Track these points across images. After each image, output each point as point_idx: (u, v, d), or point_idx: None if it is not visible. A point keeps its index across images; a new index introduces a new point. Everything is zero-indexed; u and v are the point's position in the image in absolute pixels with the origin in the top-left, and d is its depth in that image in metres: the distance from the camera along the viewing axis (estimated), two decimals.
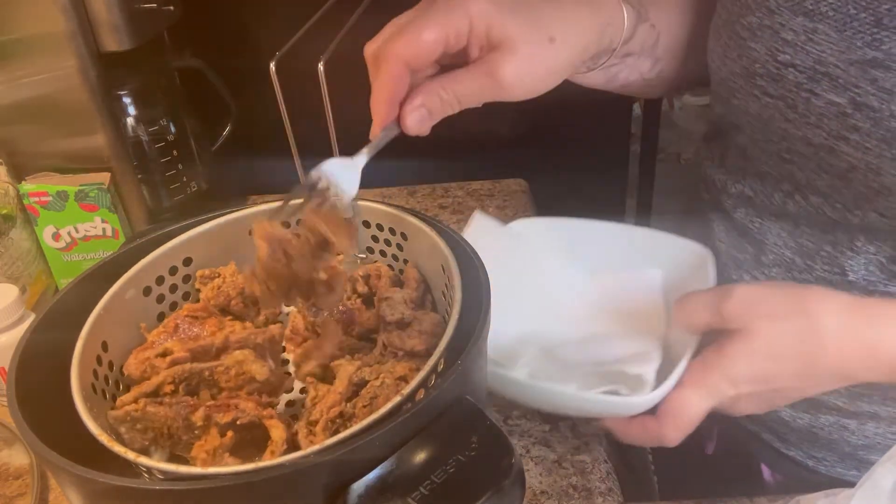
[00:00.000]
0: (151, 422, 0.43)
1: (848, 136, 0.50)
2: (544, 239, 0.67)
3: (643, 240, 0.66)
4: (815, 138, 0.52)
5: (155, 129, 0.84)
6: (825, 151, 0.52)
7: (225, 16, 1.11)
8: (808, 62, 0.50)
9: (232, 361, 0.46)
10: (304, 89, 0.53)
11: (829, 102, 0.50)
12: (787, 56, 0.52)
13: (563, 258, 0.66)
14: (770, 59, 0.53)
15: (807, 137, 0.53)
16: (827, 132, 0.51)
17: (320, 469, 0.36)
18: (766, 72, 0.53)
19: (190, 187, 0.89)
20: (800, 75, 0.51)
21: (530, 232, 0.67)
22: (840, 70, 0.49)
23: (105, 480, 0.35)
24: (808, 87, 0.51)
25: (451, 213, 0.96)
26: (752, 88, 0.55)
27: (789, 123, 0.53)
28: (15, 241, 0.77)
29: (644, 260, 0.65)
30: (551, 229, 0.67)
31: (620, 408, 0.52)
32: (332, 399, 0.44)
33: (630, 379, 0.54)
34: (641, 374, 0.54)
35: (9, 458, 0.62)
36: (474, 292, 0.46)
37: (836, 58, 0.49)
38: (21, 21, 0.72)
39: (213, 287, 0.53)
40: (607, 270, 0.66)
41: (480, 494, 0.35)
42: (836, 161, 0.52)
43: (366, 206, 0.55)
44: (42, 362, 0.44)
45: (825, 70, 0.50)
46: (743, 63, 0.55)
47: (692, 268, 0.62)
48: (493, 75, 0.46)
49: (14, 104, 0.76)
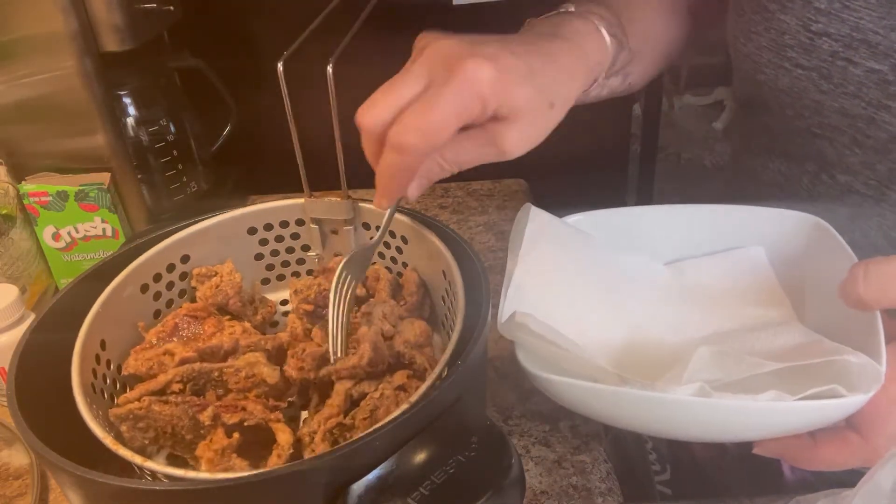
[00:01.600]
0: (155, 420, 0.43)
1: (890, 105, 0.49)
2: (609, 233, 0.57)
3: (719, 217, 0.56)
4: (852, 109, 0.51)
5: (155, 129, 0.84)
6: (863, 121, 0.51)
7: (225, 16, 1.11)
8: (845, 30, 0.50)
9: (243, 363, 0.46)
10: (305, 90, 0.53)
11: (868, 70, 0.49)
12: (821, 25, 0.51)
13: (640, 250, 0.56)
14: (802, 30, 0.52)
15: (843, 108, 0.52)
16: (867, 101, 0.50)
17: (320, 470, 0.36)
18: (798, 42, 0.52)
19: (190, 187, 0.89)
20: (835, 44, 0.50)
21: (590, 227, 0.57)
22: (880, 36, 0.48)
23: (105, 481, 0.35)
24: (845, 56, 0.50)
25: (451, 213, 0.96)
26: (781, 61, 0.54)
27: (824, 95, 0.52)
28: (15, 241, 0.77)
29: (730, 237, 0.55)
30: (611, 222, 0.57)
31: (841, 411, 0.41)
32: (328, 412, 0.44)
33: (848, 371, 0.41)
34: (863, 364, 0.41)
35: (9, 458, 0.62)
36: (474, 293, 0.46)
37: (874, 24, 0.48)
38: (21, 21, 0.72)
39: (210, 286, 0.53)
40: (700, 255, 0.56)
41: (480, 494, 0.35)
42: (874, 132, 0.51)
43: (366, 207, 0.55)
44: (42, 362, 0.44)
45: (863, 37, 0.49)
46: (771, 36, 0.54)
47: (803, 238, 0.52)
48: (497, 144, 0.45)
49: (14, 104, 0.76)
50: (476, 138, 0.45)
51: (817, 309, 0.50)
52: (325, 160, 0.53)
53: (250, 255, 0.58)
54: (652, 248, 0.56)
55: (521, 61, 0.44)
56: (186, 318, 0.51)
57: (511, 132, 0.44)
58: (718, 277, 0.54)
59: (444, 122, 0.41)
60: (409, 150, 0.42)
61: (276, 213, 0.57)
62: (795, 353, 0.45)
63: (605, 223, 0.56)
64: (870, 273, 0.42)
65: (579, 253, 0.53)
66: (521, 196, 0.99)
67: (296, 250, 0.59)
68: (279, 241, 0.58)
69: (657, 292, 0.54)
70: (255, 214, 0.57)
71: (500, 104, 0.43)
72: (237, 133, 0.98)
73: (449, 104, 0.41)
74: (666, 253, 0.56)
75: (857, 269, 0.43)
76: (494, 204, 0.97)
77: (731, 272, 0.54)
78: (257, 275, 0.59)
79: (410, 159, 0.42)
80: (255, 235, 0.57)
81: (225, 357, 0.48)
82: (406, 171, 0.43)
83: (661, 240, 0.56)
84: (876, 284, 0.42)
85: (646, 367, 0.49)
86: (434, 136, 0.41)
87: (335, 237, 0.58)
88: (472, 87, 0.42)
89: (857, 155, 0.54)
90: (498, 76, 0.42)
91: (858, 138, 0.53)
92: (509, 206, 0.97)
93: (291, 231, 0.58)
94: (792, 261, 0.53)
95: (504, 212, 0.96)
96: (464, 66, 0.42)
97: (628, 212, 0.56)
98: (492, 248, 0.87)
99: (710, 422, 0.42)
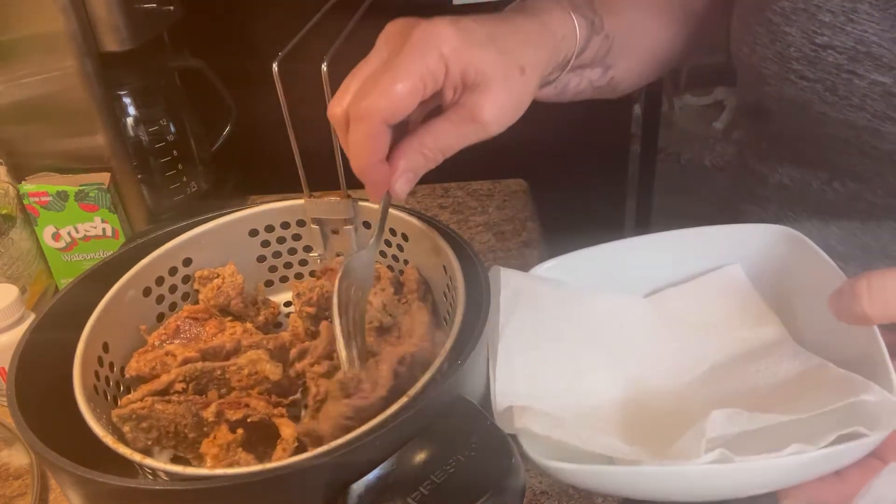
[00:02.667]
0: (158, 420, 0.43)
1: (895, 117, 0.49)
2: (584, 274, 0.54)
3: (690, 241, 0.54)
4: (857, 121, 0.51)
5: (155, 129, 0.84)
6: (869, 134, 0.51)
7: (225, 16, 1.11)
8: (849, 43, 0.50)
9: (246, 361, 0.46)
10: (304, 89, 0.53)
11: (872, 83, 0.49)
12: (826, 38, 0.51)
13: (618, 286, 0.54)
14: (806, 42, 0.52)
15: (848, 120, 0.52)
16: (871, 113, 0.50)
17: (320, 469, 0.36)
18: (802, 55, 0.52)
19: (190, 187, 0.89)
20: (839, 56, 0.50)
21: (563, 273, 0.54)
22: (884, 49, 0.48)
23: (105, 481, 0.35)
24: (849, 69, 0.50)
25: (451, 213, 0.96)
26: (786, 73, 0.54)
27: (828, 107, 0.52)
28: (15, 241, 0.77)
29: (705, 260, 0.53)
30: (583, 264, 0.54)
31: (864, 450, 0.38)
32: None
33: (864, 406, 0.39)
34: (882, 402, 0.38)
35: (9, 458, 0.62)
36: (474, 293, 0.46)
37: (878, 37, 0.48)
38: (21, 21, 0.72)
39: (212, 287, 0.53)
40: (678, 283, 0.54)
41: (480, 494, 0.35)
42: (880, 143, 0.51)
43: (366, 206, 0.55)
44: (42, 362, 0.44)
45: (867, 50, 0.49)
46: (776, 48, 0.54)
47: (780, 251, 0.51)
48: (477, 119, 0.43)
49: (14, 104, 0.76)
50: (452, 117, 0.44)
51: (810, 325, 0.48)
52: (325, 160, 0.53)
53: (253, 257, 0.58)
54: (629, 283, 0.54)
55: (480, 26, 0.44)
56: (188, 321, 0.51)
57: (486, 101, 0.43)
58: (701, 303, 0.53)
59: (404, 80, 0.41)
60: (370, 114, 0.40)
61: (276, 215, 0.57)
62: (803, 385, 0.44)
63: (577, 266, 0.54)
64: (873, 287, 0.40)
65: (558, 309, 0.51)
66: (521, 196, 0.99)
67: (298, 251, 0.59)
68: (281, 243, 0.58)
69: (643, 330, 0.53)
70: (256, 216, 0.57)
71: (465, 68, 0.42)
72: (237, 133, 0.99)
73: (408, 63, 0.41)
74: (643, 286, 0.55)
75: (859, 284, 0.40)
76: (494, 204, 0.97)
77: (711, 295, 0.53)
78: (260, 277, 0.59)
79: (375, 124, 0.41)
80: (257, 237, 0.57)
81: (227, 357, 0.48)
82: (372, 144, 0.42)
83: (636, 273, 0.54)
84: (880, 299, 0.40)
85: (654, 427, 0.47)
86: (395, 95, 0.40)
87: (336, 237, 0.58)
88: (431, 45, 0.41)
89: (865, 164, 0.54)
90: (456, 34, 0.42)
91: (865, 149, 0.53)
92: (509, 206, 0.97)
93: (293, 232, 0.58)
94: (773, 276, 0.51)
95: (504, 212, 0.96)
96: (421, 28, 0.41)
97: (599, 250, 0.54)
98: (492, 248, 0.87)
99: (735, 484, 0.40)
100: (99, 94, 0.75)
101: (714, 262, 0.53)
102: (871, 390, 0.39)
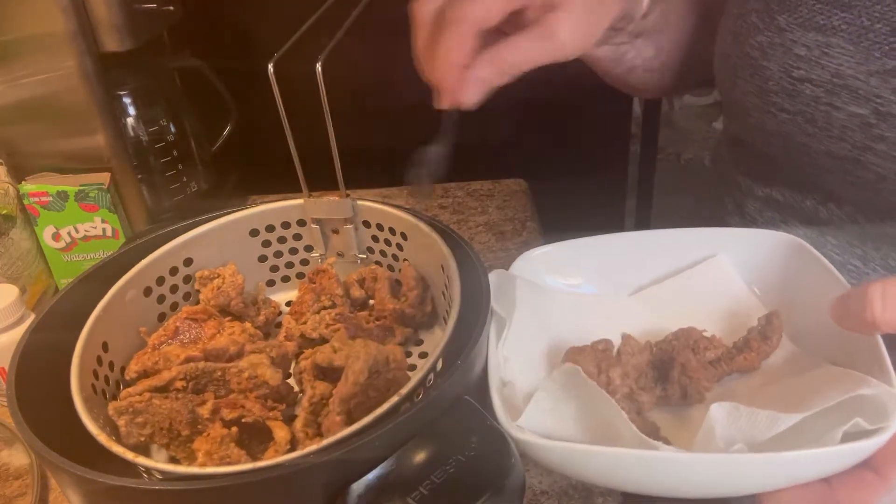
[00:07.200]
0: (153, 415, 0.43)
1: (874, 147, 0.49)
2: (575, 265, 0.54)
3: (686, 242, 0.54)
4: (839, 151, 0.51)
5: (155, 129, 0.84)
6: (850, 163, 0.51)
7: (225, 16, 1.11)
8: (825, 76, 0.50)
9: (246, 363, 0.46)
10: (303, 89, 0.53)
11: (850, 114, 0.49)
12: (803, 72, 0.51)
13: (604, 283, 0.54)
14: (784, 76, 0.52)
15: (830, 151, 0.52)
16: (851, 144, 0.50)
17: (320, 469, 0.36)
18: (781, 88, 0.53)
19: (190, 187, 0.89)
20: (817, 89, 0.51)
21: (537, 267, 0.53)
22: (860, 81, 0.48)
23: (104, 480, 0.35)
24: (827, 101, 0.50)
25: (451, 213, 0.96)
26: (767, 106, 0.55)
27: (810, 138, 0.53)
28: (15, 241, 0.77)
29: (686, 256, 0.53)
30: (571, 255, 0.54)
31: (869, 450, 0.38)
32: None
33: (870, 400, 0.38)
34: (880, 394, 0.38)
35: (9, 458, 0.62)
36: (474, 292, 0.46)
37: (853, 70, 0.49)
38: (21, 21, 0.72)
39: (212, 287, 0.53)
40: (662, 278, 0.53)
41: (480, 494, 0.35)
42: (863, 173, 0.51)
43: (365, 205, 0.55)
44: (42, 362, 0.44)
45: (843, 83, 0.49)
46: (756, 82, 0.55)
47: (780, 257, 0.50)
48: (554, 37, 0.45)
49: (14, 104, 0.76)
50: (531, 33, 0.45)
51: (809, 332, 0.48)
52: (325, 159, 0.53)
53: (254, 257, 0.58)
54: (623, 280, 0.54)
55: None
56: (187, 322, 0.51)
57: (566, 21, 0.45)
58: (689, 293, 0.52)
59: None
60: (466, 18, 0.43)
61: (276, 215, 0.57)
62: (801, 384, 0.44)
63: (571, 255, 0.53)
64: (888, 294, 0.39)
65: (559, 311, 0.51)
66: (521, 196, 0.99)
67: (299, 251, 0.59)
68: (282, 242, 0.58)
69: (642, 328, 0.51)
70: (256, 216, 0.57)
71: None
72: (237, 133, 0.98)
73: None
74: (630, 282, 0.54)
75: (873, 289, 0.39)
76: (494, 204, 0.97)
77: (699, 284, 0.52)
78: (262, 277, 0.59)
79: (468, 28, 0.43)
80: (258, 237, 0.57)
81: (230, 360, 0.48)
82: (463, 48, 0.44)
83: (627, 269, 0.54)
84: (894, 306, 0.39)
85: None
86: (487, 5, 0.43)
87: (336, 236, 0.58)
88: None
89: (853, 191, 0.54)
90: None
91: (849, 177, 0.53)
92: (509, 206, 0.97)
93: (294, 231, 0.58)
94: (771, 282, 0.51)
95: (504, 212, 0.96)
96: None
97: (598, 241, 0.53)
98: (492, 248, 0.87)
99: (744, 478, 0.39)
100: (99, 94, 0.75)
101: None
102: (869, 384, 0.38)
